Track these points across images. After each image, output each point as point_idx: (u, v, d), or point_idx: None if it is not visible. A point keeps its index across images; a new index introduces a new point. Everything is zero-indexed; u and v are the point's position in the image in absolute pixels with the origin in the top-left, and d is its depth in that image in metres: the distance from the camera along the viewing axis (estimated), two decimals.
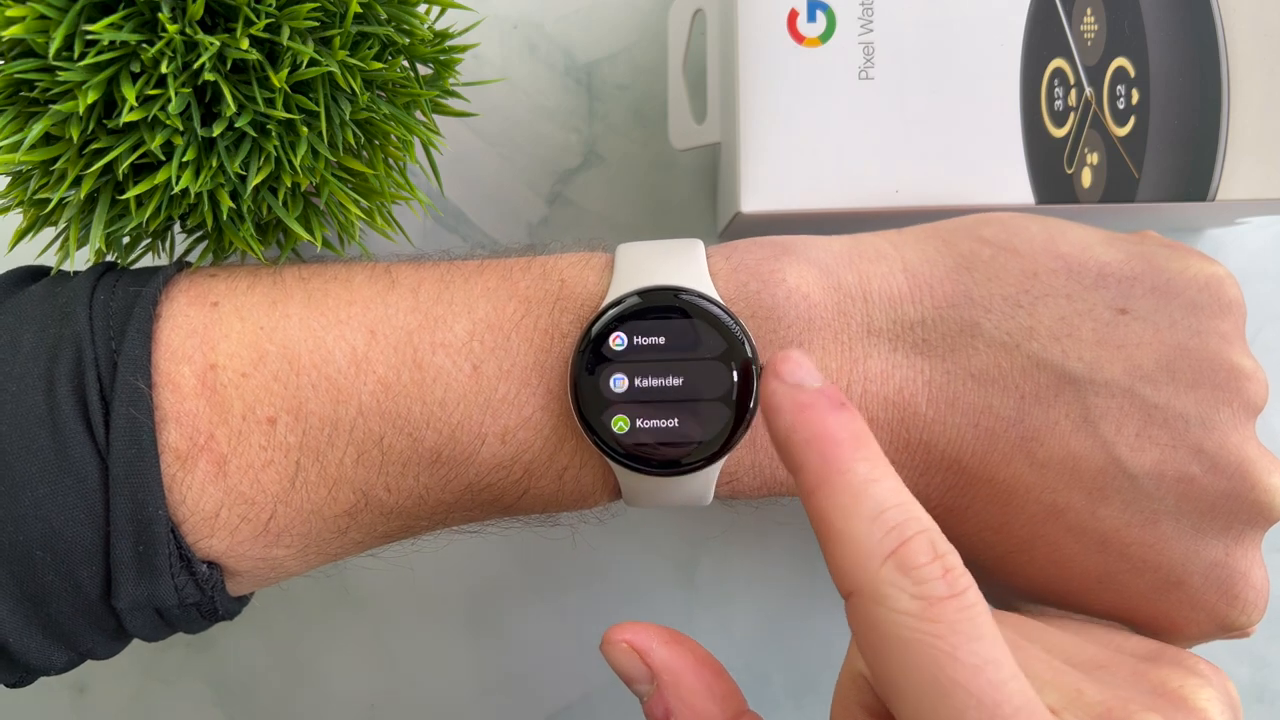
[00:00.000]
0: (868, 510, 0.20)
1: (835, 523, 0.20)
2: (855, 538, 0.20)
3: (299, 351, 0.25)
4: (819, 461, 0.21)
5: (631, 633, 0.24)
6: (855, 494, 0.20)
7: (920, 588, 0.19)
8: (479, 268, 0.27)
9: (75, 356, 0.24)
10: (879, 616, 0.19)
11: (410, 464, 0.26)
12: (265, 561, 0.26)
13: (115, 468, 0.23)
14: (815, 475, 0.21)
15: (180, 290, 0.26)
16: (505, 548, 0.37)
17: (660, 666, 0.23)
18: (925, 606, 0.19)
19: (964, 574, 0.19)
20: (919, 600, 0.19)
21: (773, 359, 0.22)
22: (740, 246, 0.27)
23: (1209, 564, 0.25)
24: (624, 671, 0.24)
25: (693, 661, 0.24)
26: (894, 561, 0.19)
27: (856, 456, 0.21)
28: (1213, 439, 0.25)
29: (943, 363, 0.26)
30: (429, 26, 0.28)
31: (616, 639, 0.24)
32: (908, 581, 0.19)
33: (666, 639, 0.24)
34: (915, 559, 0.19)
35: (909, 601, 0.19)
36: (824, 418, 0.21)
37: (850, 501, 0.20)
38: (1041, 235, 0.26)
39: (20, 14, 0.23)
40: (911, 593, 0.19)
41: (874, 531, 0.20)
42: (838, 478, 0.20)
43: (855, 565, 0.20)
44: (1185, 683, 0.22)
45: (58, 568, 0.24)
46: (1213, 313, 0.25)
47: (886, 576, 0.19)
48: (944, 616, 0.19)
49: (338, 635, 0.38)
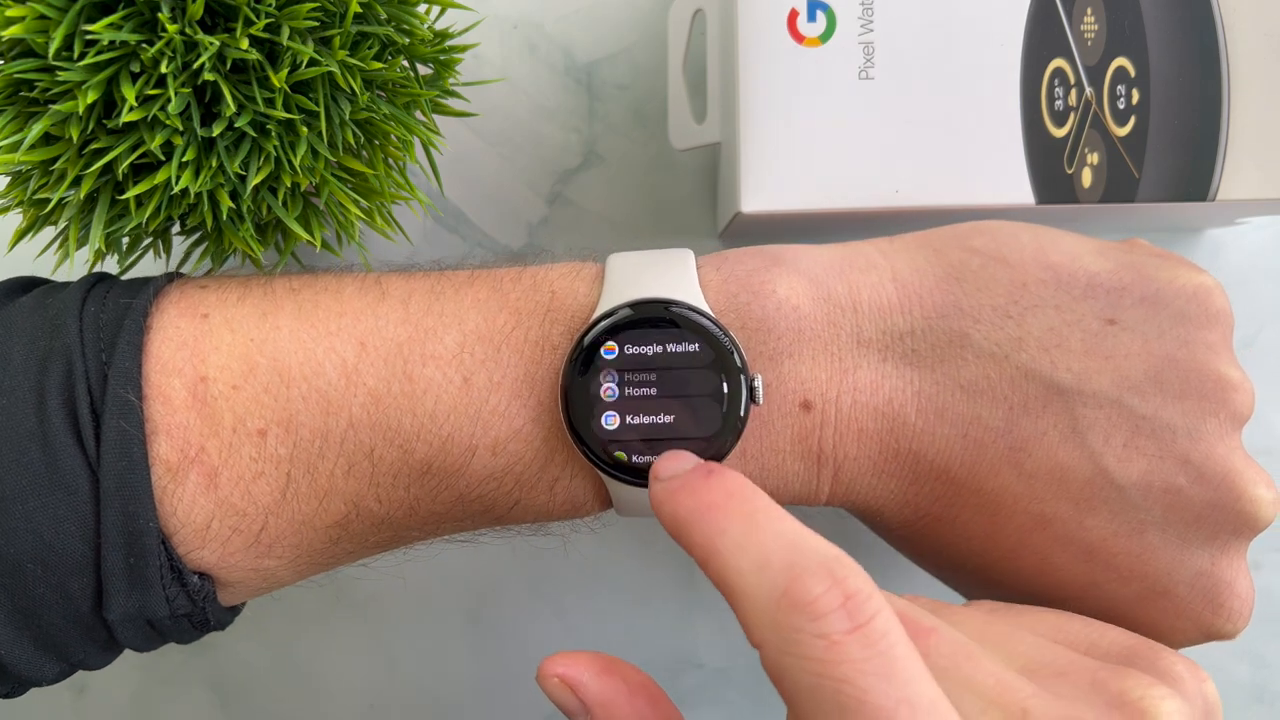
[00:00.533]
0: (754, 559, 0.20)
1: (730, 582, 0.20)
2: (749, 590, 0.19)
3: (289, 364, 0.25)
4: (701, 534, 0.21)
5: (563, 665, 0.23)
6: (737, 549, 0.20)
7: (818, 624, 0.18)
8: (470, 278, 0.27)
9: (66, 369, 0.24)
10: (786, 666, 0.19)
11: (401, 475, 0.26)
12: (257, 572, 0.26)
13: (106, 480, 0.23)
14: (702, 547, 0.21)
15: (171, 302, 0.26)
16: (505, 548, 0.37)
17: (593, 700, 0.23)
18: (828, 647, 0.18)
19: (869, 598, 0.19)
20: (820, 640, 0.18)
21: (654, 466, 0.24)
22: (731, 257, 0.27)
23: (1195, 573, 0.25)
24: (559, 705, 0.23)
25: (625, 691, 0.23)
26: (787, 601, 0.19)
27: (732, 512, 0.21)
28: (1199, 450, 0.25)
29: (932, 373, 0.26)
30: (429, 26, 0.28)
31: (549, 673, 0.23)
32: (804, 620, 0.18)
33: (599, 669, 0.23)
34: (807, 593, 0.19)
35: (810, 643, 0.18)
36: (695, 492, 0.22)
37: (735, 557, 0.20)
38: (1031, 245, 0.26)
39: (20, 14, 0.23)
40: (811, 632, 0.18)
41: (764, 579, 0.19)
42: (719, 539, 0.20)
43: (755, 619, 0.19)
44: (1148, 693, 0.21)
45: (49, 580, 0.24)
46: (1200, 323, 0.25)
47: (783, 620, 0.19)
48: (848, 656, 0.18)
49: (336, 636, 0.38)
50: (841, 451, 0.26)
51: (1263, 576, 0.37)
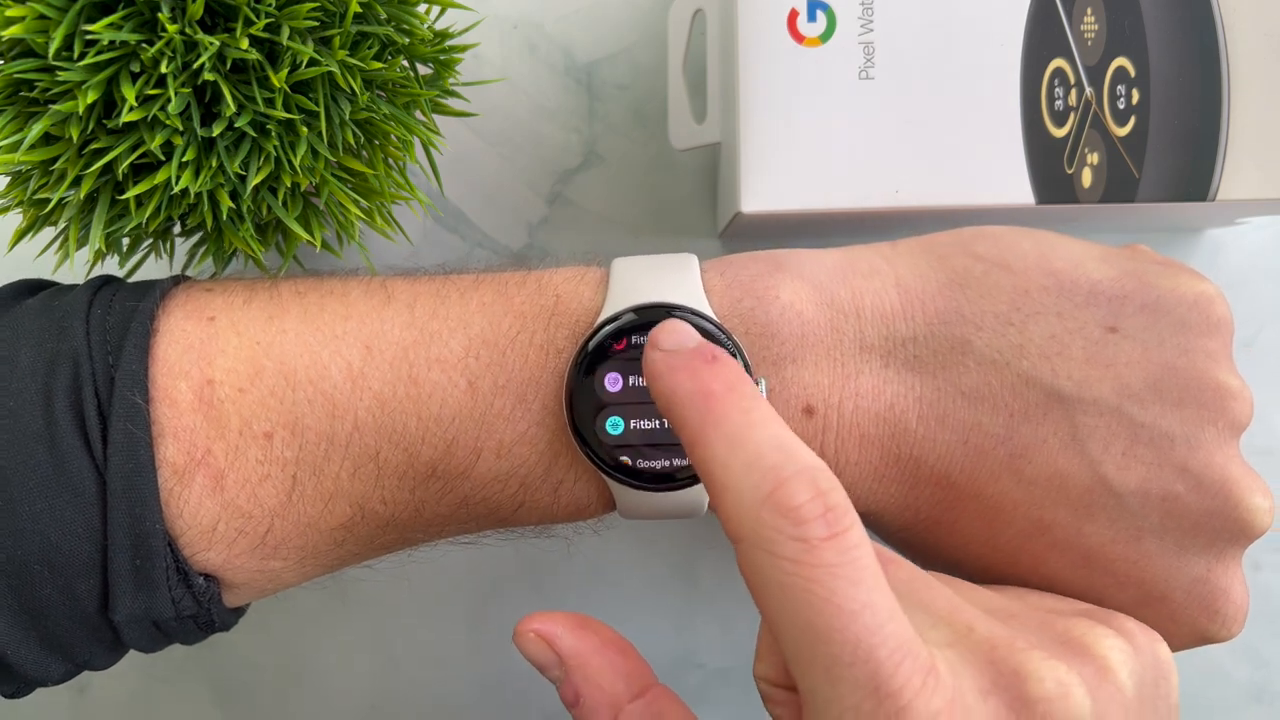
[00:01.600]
0: (745, 456, 0.20)
1: (716, 474, 0.20)
2: (734, 486, 0.20)
3: (295, 367, 0.25)
4: (695, 416, 0.21)
5: (539, 622, 0.24)
6: (731, 443, 0.20)
7: (799, 529, 0.19)
8: (475, 282, 0.27)
9: (73, 372, 0.24)
10: (760, 561, 0.19)
11: (406, 478, 0.26)
12: (262, 573, 0.26)
13: (113, 482, 0.23)
14: (693, 430, 0.21)
15: (177, 304, 0.26)
16: (506, 548, 0.37)
17: (567, 652, 0.24)
18: (804, 550, 0.19)
19: (846, 512, 0.19)
20: (797, 542, 0.19)
21: (652, 333, 0.23)
22: (735, 262, 0.27)
23: (1191, 580, 0.25)
24: (535, 659, 0.24)
25: (598, 644, 0.24)
26: (771, 503, 0.19)
27: (730, 405, 0.21)
28: (1197, 458, 0.25)
29: (934, 379, 0.26)
30: (429, 26, 0.28)
31: (525, 629, 0.24)
32: (786, 523, 0.19)
33: (573, 625, 0.24)
34: (792, 499, 0.19)
35: (787, 544, 0.19)
36: (696, 373, 0.22)
37: (726, 451, 0.20)
38: (1034, 252, 0.26)
39: (20, 14, 0.23)
40: (790, 534, 0.19)
41: (751, 476, 0.20)
42: (713, 429, 0.21)
43: (736, 514, 0.20)
44: (1090, 631, 0.22)
45: (55, 581, 0.24)
46: (1201, 331, 0.25)
47: (765, 519, 0.19)
48: (822, 560, 0.19)
49: (338, 635, 0.38)
50: (843, 456, 0.26)
51: (1263, 576, 0.37)
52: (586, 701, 0.24)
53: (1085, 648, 0.22)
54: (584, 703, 0.24)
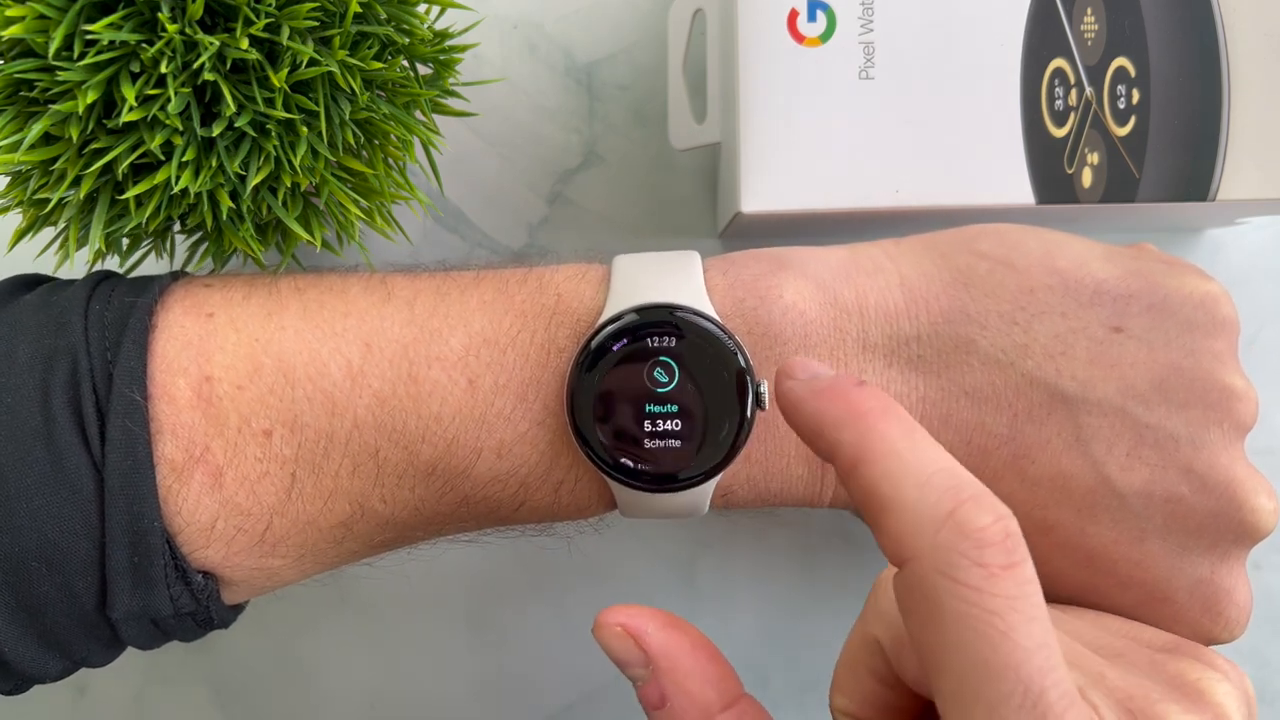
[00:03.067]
0: (915, 474, 0.19)
1: (884, 492, 0.19)
2: (907, 504, 0.19)
3: (294, 364, 0.25)
4: (853, 436, 0.20)
5: (626, 615, 0.23)
6: (900, 459, 0.19)
7: (981, 552, 0.18)
8: (475, 279, 0.27)
9: (71, 368, 0.24)
10: (935, 585, 0.18)
11: (406, 477, 0.26)
12: (261, 571, 0.26)
13: (111, 480, 0.23)
14: (853, 451, 0.20)
15: (176, 300, 0.26)
16: (505, 547, 0.37)
17: (656, 651, 0.23)
18: (985, 577, 0.18)
19: (1022, 543, 0.18)
20: (979, 569, 0.18)
21: (781, 366, 0.22)
22: (737, 260, 0.27)
23: (1195, 581, 0.25)
24: (618, 656, 0.23)
25: (689, 646, 0.23)
26: (952, 523, 0.18)
27: (891, 423, 0.20)
28: (1202, 459, 0.25)
29: (937, 379, 0.26)
30: (429, 26, 0.28)
31: (610, 622, 0.23)
32: (969, 545, 0.18)
33: (663, 622, 0.23)
34: (976, 519, 0.18)
35: (970, 570, 0.18)
36: (848, 394, 0.21)
37: (896, 467, 0.19)
38: (1039, 250, 0.26)
39: (20, 14, 0.23)
40: (972, 558, 0.18)
41: (926, 494, 0.18)
42: (877, 446, 0.19)
43: (911, 532, 0.18)
44: (1204, 675, 0.22)
45: (53, 578, 0.24)
46: (1207, 331, 0.25)
47: (945, 540, 0.18)
48: (1003, 590, 0.17)
49: (337, 635, 0.38)
50: None
51: (1264, 577, 0.37)
52: (674, 706, 0.22)
53: (1201, 693, 0.21)
54: (671, 707, 0.22)
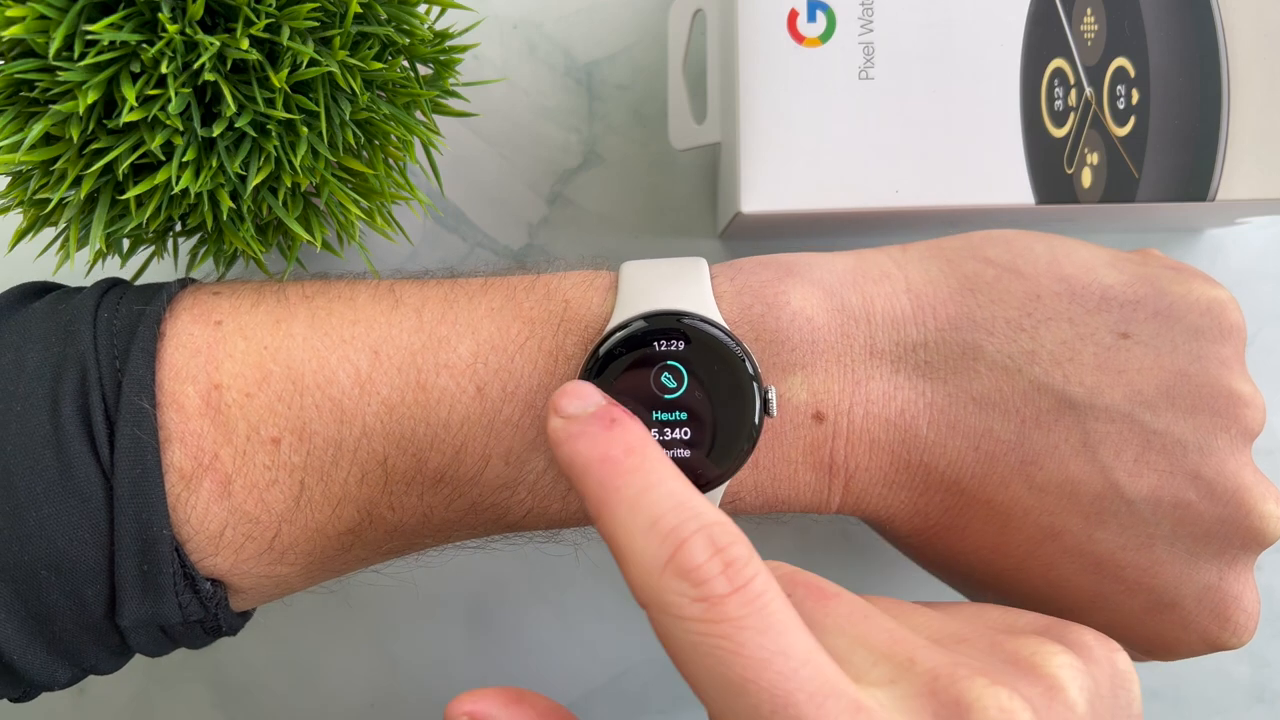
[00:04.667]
0: (643, 522, 0.20)
1: (619, 542, 0.20)
2: (636, 552, 0.20)
3: (303, 372, 0.25)
4: (595, 486, 0.21)
5: (470, 703, 0.23)
6: (630, 508, 0.20)
7: (700, 589, 0.19)
8: (483, 287, 0.27)
9: (80, 376, 0.24)
10: (669, 626, 0.19)
11: (414, 484, 0.26)
12: (269, 579, 0.26)
13: (120, 488, 0.23)
14: (595, 500, 0.21)
15: (184, 308, 0.26)
16: (505, 548, 0.37)
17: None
18: (707, 608, 0.19)
19: (749, 563, 0.19)
20: (700, 603, 0.19)
21: (553, 396, 0.23)
22: (744, 267, 0.27)
23: (1202, 588, 0.25)
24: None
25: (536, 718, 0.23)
26: (672, 568, 0.19)
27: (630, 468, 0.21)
28: (1210, 465, 0.25)
29: (944, 385, 0.26)
30: (429, 26, 0.28)
31: (457, 713, 0.23)
32: (686, 586, 0.19)
33: (506, 701, 0.23)
34: (691, 560, 0.19)
35: (691, 606, 0.19)
36: (594, 441, 0.22)
37: (627, 517, 0.20)
38: (1046, 256, 0.26)
39: (20, 14, 0.23)
40: (692, 596, 0.19)
41: (650, 543, 0.20)
42: (613, 496, 0.21)
43: (640, 581, 0.20)
44: (1039, 649, 0.21)
45: (62, 587, 0.24)
46: (1213, 338, 0.25)
47: (667, 585, 0.19)
48: (727, 615, 0.19)
49: (338, 635, 0.38)
50: (853, 462, 0.26)
51: (1263, 577, 0.37)
52: None
53: (1033, 667, 0.21)
54: None
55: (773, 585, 0.19)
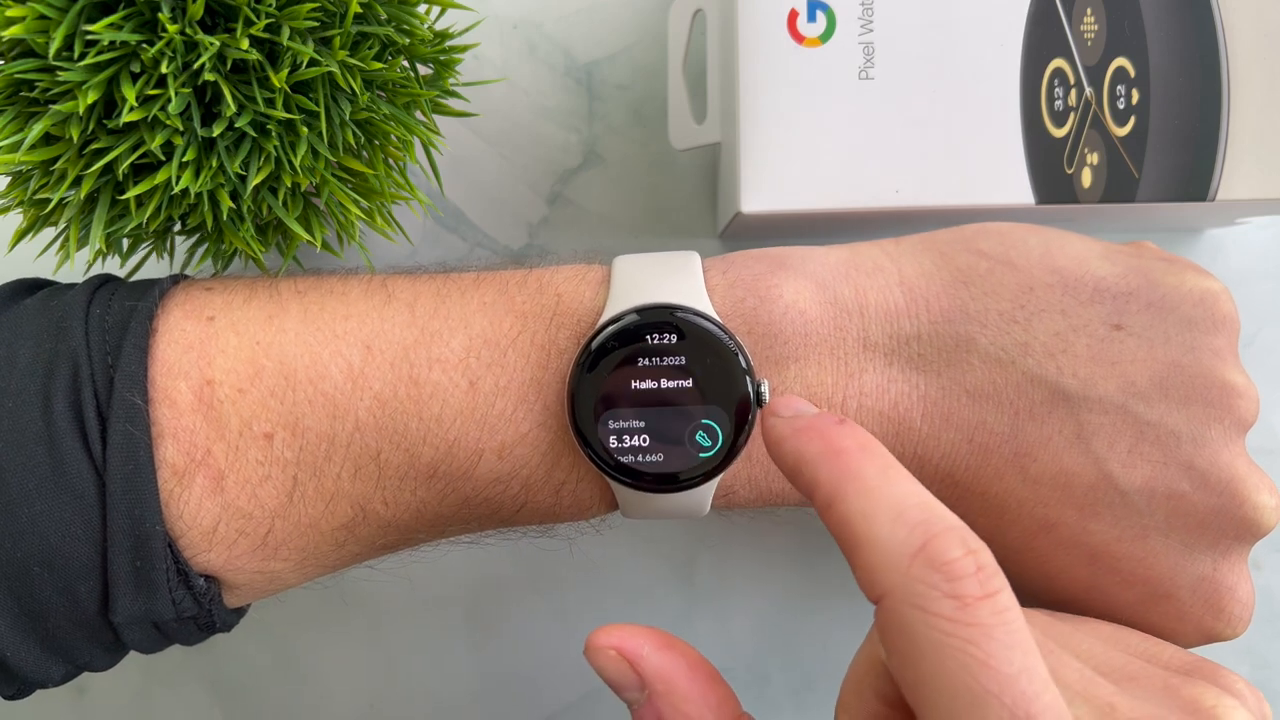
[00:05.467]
0: (888, 510, 0.19)
1: (858, 528, 0.19)
2: (879, 540, 0.19)
3: (295, 367, 0.25)
4: (830, 472, 0.20)
5: (620, 637, 0.22)
6: (872, 496, 0.20)
7: (953, 585, 0.18)
8: (475, 281, 0.27)
9: (72, 372, 0.24)
10: (910, 619, 0.18)
11: (407, 479, 0.26)
12: (263, 574, 0.26)
13: (112, 484, 0.23)
14: (829, 487, 0.20)
15: (176, 304, 0.26)
16: (505, 547, 0.37)
17: (652, 674, 0.22)
18: (959, 608, 0.18)
19: (997, 572, 0.18)
20: (952, 600, 0.18)
21: (768, 404, 0.23)
22: (737, 261, 0.27)
23: (1197, 578, 0.25)
24: (612, 680, 0.22)
25: (686, 668, 0.22)
26: (924, 558, 0.18)
27: (866, 461, 0.20)
28: (1203, 456, 0.25)
29: (938, 378, 0.26)
30: (429, 26, 0.28)
31: (603, 644, 0.22)
32: (939, 578, 0.18)
33: (659, 643, 0.22)
34: (946, 553, 0.18)
35: (942, 601, 0.18)
36: (826, 433, 0.21)
37: (869, 504, 0.19)
38: (1039, 248, 0.26)
39: (20, 14, 0.23)
40: (944, 590, 0.18)
41: (898, 530, 0.19)
42: (851, 483, 0.20)
43: (883, 567, 0.19)
44: (1220, 702, 0.21)
45: (55, 583, 0.24)
46: (1206, 328, 0.25)
47: (917, 574, 0.18)
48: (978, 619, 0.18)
49: (337, 635, 0.38)
50: None
51: (1263, 577, 0.37)
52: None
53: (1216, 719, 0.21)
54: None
55: (1015, 601, 0.18)
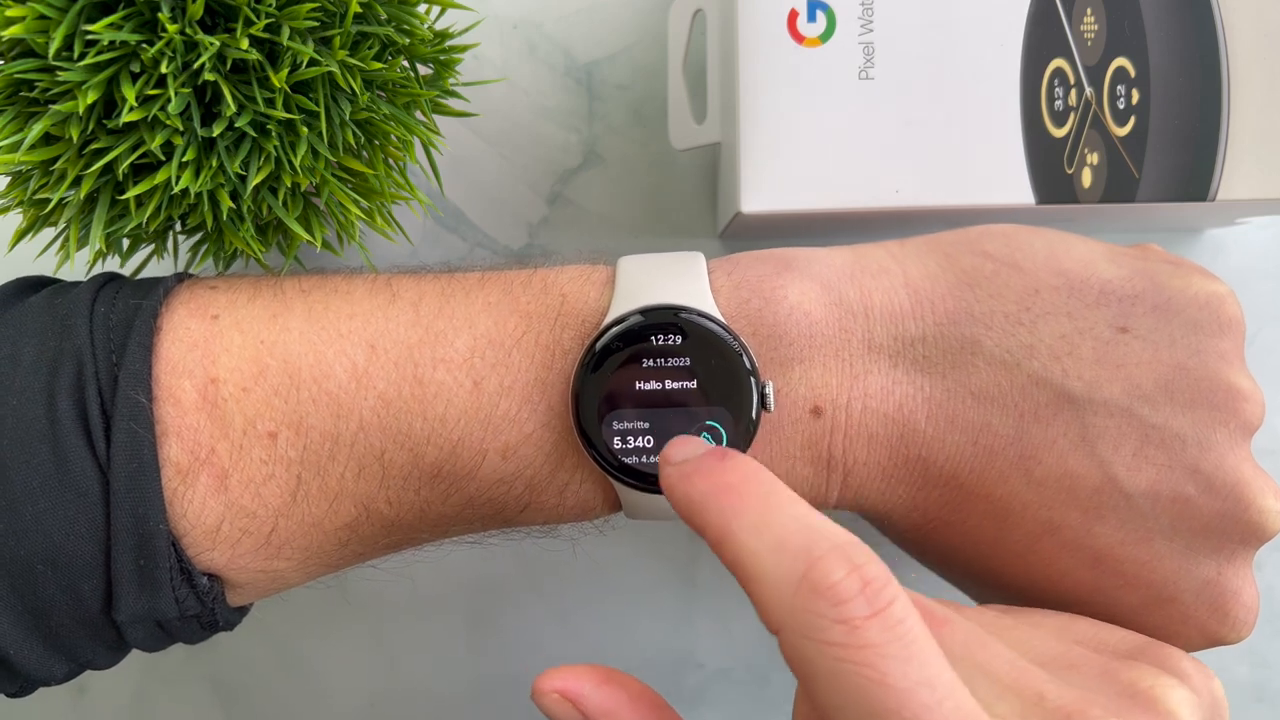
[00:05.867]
0: (771, 541, 0.19)
1: (746, 564, 0.20)
2: (766, 574, 0.19)
3: (299, 366, 0.25)
4: (716, 513, 0.21)
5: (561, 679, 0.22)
6: (754, 531, 0.20)
7: (839, 609, 0.18)
8: (480, 281, 0.27)
9: (76, 370, 0.24)
10: (806, 650, 0.18)
11: (411, 478, 0.26)
12: (266, 573, 0.26)
13: (116, 482, 0.23)
14: (716, 528, 0.21)
15: (180, 302, 0.26)
16: (505, 547, 0.37)
17: (595, 711, 0.22)
18: (847, 632, 0.18)
19: (887, 584, 0.18)
20: (841, 625, 0.18)
21: (662, 452, 0.23)
22: (742, 262, 0.27)
23: (1201, 582, 0.25)
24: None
25: (627, 700, 0.22)
26: (807, 586, 0.18)
27: (749, 494, 0.20)
28: (1209, 459, 0.25)
29: (943, 380, 0.26)
30: (429, 26, 0.28)
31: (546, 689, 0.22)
32: (825, 605, 0.18)
33: (599, 679, 0.23)
34: (828, 577, 0.18)
35: (831, 629, 0.18)
36: (708, 474, 0.21)
37: (752, 539, 0.20)
38: (1044, 251, 0.26)
39: (20, 14, 0.23)
40: (832, 617, 0.18)
41: (781, 562, 0.19)
42: (735, 520, 0.20)
43: (773, 602, 0.19)
44: (1157, 682, 0.21)
45: (59, 581, 0.24)
46: (1212, 332, 0.25)
47: (803, 604, 0.18)
48: (869, 640, 0.18)
49: (337, 635, 0.38)
50: (851, 457, 0.26)
51: (1264, 576, 0.37)
52: None
53: (1154, 702, 0.21)
54: None
55: (911, 610, 0.18)
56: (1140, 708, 0.21)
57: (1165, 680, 0.21)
